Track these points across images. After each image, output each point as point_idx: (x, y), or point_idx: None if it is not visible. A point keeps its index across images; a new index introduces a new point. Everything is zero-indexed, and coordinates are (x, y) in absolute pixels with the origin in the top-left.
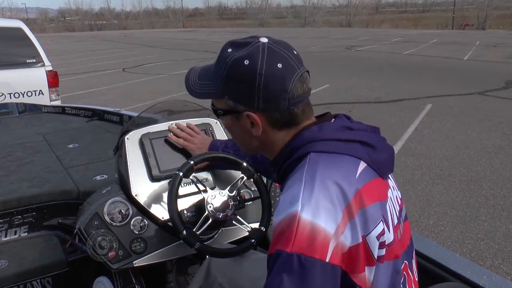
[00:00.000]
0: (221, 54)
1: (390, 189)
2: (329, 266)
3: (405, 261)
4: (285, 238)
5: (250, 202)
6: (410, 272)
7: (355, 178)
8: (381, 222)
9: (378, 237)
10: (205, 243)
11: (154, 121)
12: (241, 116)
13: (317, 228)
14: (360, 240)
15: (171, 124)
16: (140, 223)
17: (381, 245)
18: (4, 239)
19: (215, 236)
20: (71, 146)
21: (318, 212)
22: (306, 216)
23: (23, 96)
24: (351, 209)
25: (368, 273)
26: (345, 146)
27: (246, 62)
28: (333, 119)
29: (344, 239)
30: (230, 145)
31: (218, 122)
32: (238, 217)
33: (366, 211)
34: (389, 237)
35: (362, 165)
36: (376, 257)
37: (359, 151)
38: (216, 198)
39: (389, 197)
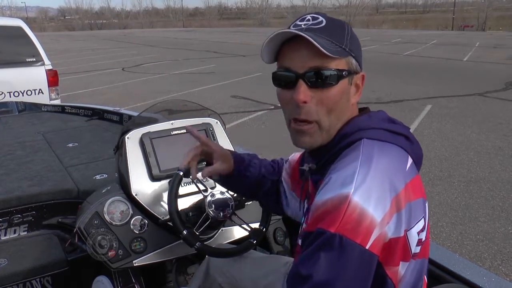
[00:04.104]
0: (332, 18)
1: None
2: (368, 253)
3: (427, 264)
4: (331, 218)
5: (250, 202)
6: (425, 276)
7: (406, 170)
8: (422, 219)
9: (418, 233)
10: (205, 243)
11: (154, 121)
12: (355, 78)
13: (366, 213)
14: (402, 234)
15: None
16: (140, 222)
17: (419, 242)
18: (3, 238)
19: (215, 236)
20: (71, 145)
21: (369, 197)
22: (357, 199)
23: (23, 95)
24: (399, 200)
25: (401, 268)
26: (394, 138)
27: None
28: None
29: (387, 229)
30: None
31: (219, 122)
32: (238, 217)
33: (412, 205)
34: (425, 235)
35: (410, 160)
36: (412, 253)
37: (405, 144)
38: (216, 198)
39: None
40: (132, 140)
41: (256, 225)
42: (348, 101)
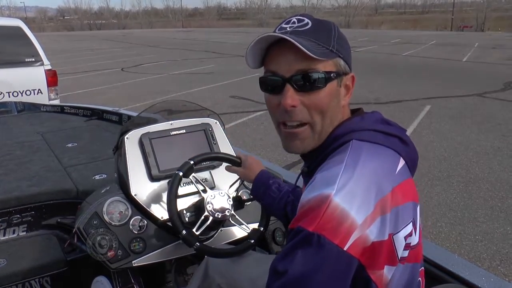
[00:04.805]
0: (318, 19)
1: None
2: (346, 255)
3: (422, 267)
4: (311, 217)
5: (249, 202)
6: (421, 280)
7: (395, 173)
8: (411, 223)
9: (405, 238)
10: (204, 243)
11: (154, 121)
12: (345, 79)
13: (346, 215)
14: (386, 237)
15: None
16: (139, 223)
17: (406, 247)
18: (2, 238)
19: (214, 236)
20: (70, 145)
21: (351, 199)
22: (338, 200)
23: (22, 95)
24: (384, 205)
25: (386, 272)
26: (386, 139)
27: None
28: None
29: (369, 232)
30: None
31: (218, 122)
32: (237, 217)
33: (399, 210)
34: (414, 239)
35: (402, 162)
36: (399, 257)
37: (399, 146)
38: (216, 198)
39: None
40: (131, 140)
41: (255, 226)
42: (339, 103)
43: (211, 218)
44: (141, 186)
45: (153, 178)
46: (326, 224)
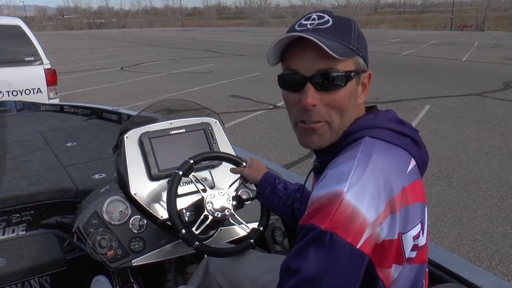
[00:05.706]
0: (338, 17)
1: None
2: (358, 252)
3: (426, 268)
4: (323, 214)
5: (249, 202)
6: (425, 282)
7: (406, 173)
8: (419, 224)
9: (414, 238)
10: (203, 242)
11: (153, 120)
12: (362, 77)
13: (358, 213)
14: (396, 236)
15: None
16: (139, 222)
17: (414, 247)
18: (2, 237)
19: (214, 236)
20: (69, 144)
21: (362, 197)
22: (350, 198)
23: (21, 94)
24: (394, 203)
25: (393, 270)
26: (399, 139)
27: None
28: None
29: (380, 230)
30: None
31: (217, 122)
32: (237, 216)
33: (408, 210)
34: (422, 241)
35: (413, 163)
36: (406, 257)
37: (411, 147)
38: (215, 197)
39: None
40: (131, 139)
41: (254, 225)
42: (356, 101)
43: (210, 217)
44: (141, 186)
45: (152, 178)
46: (338, 222)
